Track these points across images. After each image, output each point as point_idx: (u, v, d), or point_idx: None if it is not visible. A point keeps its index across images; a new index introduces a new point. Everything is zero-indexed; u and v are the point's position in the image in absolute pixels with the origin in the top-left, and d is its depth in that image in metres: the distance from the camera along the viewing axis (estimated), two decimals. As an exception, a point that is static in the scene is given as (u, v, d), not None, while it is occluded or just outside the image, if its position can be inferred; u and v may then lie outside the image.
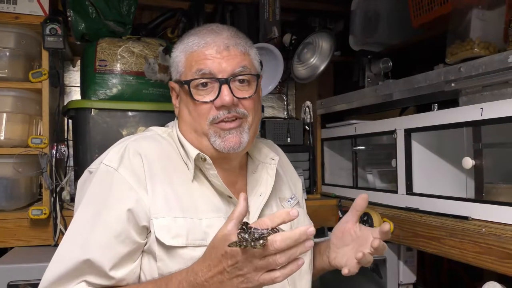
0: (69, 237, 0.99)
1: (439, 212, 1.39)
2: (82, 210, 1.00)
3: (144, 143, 1.06)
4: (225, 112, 1.04)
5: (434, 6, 1.60)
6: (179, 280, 0.88)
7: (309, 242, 0.80)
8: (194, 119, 1.06)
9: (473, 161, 1.29)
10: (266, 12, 1.98)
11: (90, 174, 1.05)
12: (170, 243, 0.96)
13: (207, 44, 1.05)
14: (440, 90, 1.41)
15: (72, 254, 0.94)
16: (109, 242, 0.95)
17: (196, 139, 1.08)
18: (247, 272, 0.81)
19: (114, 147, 1.06)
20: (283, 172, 1.26)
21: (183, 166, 1.08)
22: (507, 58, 1.17)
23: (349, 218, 1.16)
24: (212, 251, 0.85)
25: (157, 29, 1.97)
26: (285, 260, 0.79)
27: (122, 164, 1.00)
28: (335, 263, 1.16)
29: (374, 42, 1.97)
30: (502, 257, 1.16)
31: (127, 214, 0.96)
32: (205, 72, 1.04)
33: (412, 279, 1.84)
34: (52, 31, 1.63)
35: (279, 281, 0.82)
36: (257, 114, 1.11)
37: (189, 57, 1.06)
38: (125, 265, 0.96)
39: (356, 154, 1.92)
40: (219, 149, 1.05)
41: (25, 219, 1.60)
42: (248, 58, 1.08)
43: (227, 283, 0.83)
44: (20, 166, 1.63)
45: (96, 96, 1.70)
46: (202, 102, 1.04)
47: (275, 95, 2.41)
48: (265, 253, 0.79)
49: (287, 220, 0.81)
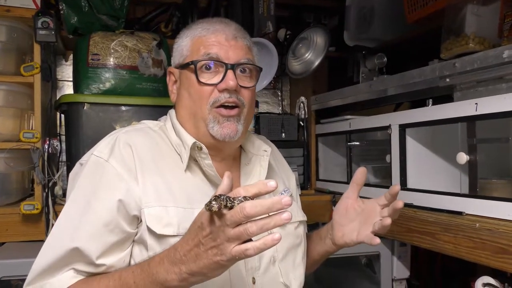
0: (58, 226, 0.99)
1: (433, 207, 1.39)
2: (72, 200, 1.01)
3: (135, 135, 1.07)
4: (226, 96, 1.04)
5: (429, 2, 1.60)
6: (160, 257, 0.88)
7: (286, 214, 0.74)
8: (195, 102, 1.07)
9: (468, 157, 1.29)
10: (260, 7, 1.97)
11: (81, 166, 1.05)
12: (161, 232, 0.96)
13: (216, 30, 1.07)
14: (434, 86, 1.41)
15: (61, 243, 0.95)
16: (98, 231, 0.95)
17: (194, 126, 1.08)
18: (220, 243, 0.78)
19: (105, 139, 1.07)
20: (276, 166, 1.27)
21: (175, 156, 1.08)
22: (502, 53, 1.17)
23: (350, 193, 1.16)
24: (192, 226, 0.84)
25: (151, 23, 1.96)
26: (256, 230, 0.75)
27: (112, 155, 1.01)
28: (344, 241, 1.15)
29: (368, 38, 1.97)
30: (495, 252, 1.16)
31: (117, 204, 0.96)
32: (213, 56, 1.05)
33: (405, 274, 1.85)
34: (44, 25, 1.61)
35: (250, 254, 0.77)
36: (251, 107, 1.13)
37: (197, 41, 1.08)
38: (113, 254, 0.97)
39: (350, 150, 1.92)
40: (215, 135, 1.05)
41: (17, 214, 1.59)
42: (252, 54, 1.12)
43: (202, 255, 0.81)
44: (11, 160, 1.61)
45: (89, 91, 1.68)
46: (206, 84, 1.05)
47: (270, 90, 2.41)
48: (235, 220, 0.75)
49: (263, 191, 0.76)
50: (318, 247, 1.24)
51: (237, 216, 0.75)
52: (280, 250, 1.11)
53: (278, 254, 1.10)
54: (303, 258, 1.19)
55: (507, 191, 1.32)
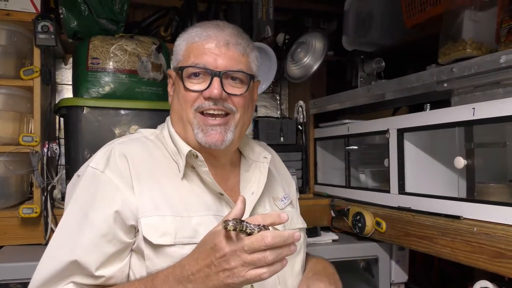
0: (56, 238, 0.99)
1: (431, 211, 1.39)
2: (69, 212, 1.01)
3: (130, 145, 1.07)
4: (210, 104, 1.05)
5: (427, 7, 1.61)
6: (165, 275, 0.88)
7: (294, 246, 0.82)
8: (181, 106, 1.08)
9: (465, 161, 1.29)
10: (259, 11, 1.98)
11: (78, 178, 1.05)
12: (158, 242, 0.96)
13: (209, 37, 1.06)
14: (432, 90, 1.42)
15: (59, 256, 0.95)
16: (96, 242, 0.95)
17: (183, 129, 1.09)
18: (234, 267, 0.81)
19: (100, 150, 1.07)
20: (277, 172, 1.27)
21: (171, 165, 1.08)
22: (499, 58, 1.18)
23: None
24: (202, 245, 0.85)
25: (150, 28, 1.97)
26: (274, 258, 0.80)
27: (108, 166, 1.01)
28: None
29: (367, 42, 1.98)
30: (493, 256, 1.17)
31: (114, 215, 0.97)
32: (200, 64, 1.05)
33: (404, 278, 1.84)
34: (44, 29, 1.61)
35: (266, 277, 0.81)
36: (246, 113, 1.12)
37: (189, 48, 1.08)
38: (112, 264, 0.97)
39: (348, 154, 1.92)
40: (201, 142, 1.06)
41: (16, 217, 1.58)
42: (246, 60, 1.09)
43: (213, 277, 0.82)
44: (11, 164, 1.61)
45: (88, 94, 1.68)
46: (191, 90, 1.06)
47: (268, 94, 2.41)
48: (255, 247, 0.79)
49: (277, 222, 0.82)
50: None
51: (257, 244, 0.78)
52: None
53: None
54: (302, 266, 1.18)
55: (505, 195, 1.33)
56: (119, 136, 1.31)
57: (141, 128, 1.61)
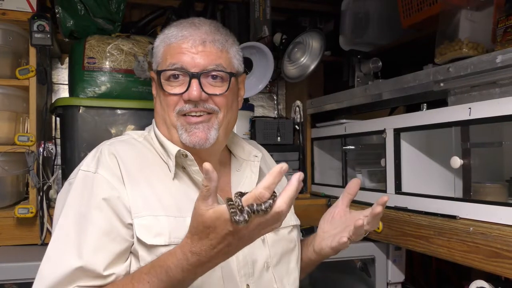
0: (56, 243, 0.96)
1: (428, 211, 1.40)
2: (66, 215, 0.97)
3: (119, 146, 1.06)
4: (191, 106, 1.04)
5: (424, 7, 1.61)
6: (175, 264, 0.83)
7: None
8: (163, 110, 1.07)
9: (461, 161, 1.30)
10: (256, 11, 1.97)
11: (70, 184, 1.03)
12: (152, 242, 0.95)
13: (184, 37, 1.05)
14: (429, 90, 1.42)
15: (62, 262, 0.92)
16: (100, 242, 0.93)
17: (167, 132, 1.08)
18: (254, 234, 0.81)
19: (90, 154, 1.06)
20: (268, 170, 1.26)
21: (162, 165, 1.07)
22: (495, 58, 1.18)
23: (339, 202, 1.17)
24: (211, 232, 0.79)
25: (147, 27, 1.96)
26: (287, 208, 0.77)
27: (100, 166, 1.00)
28: (321, 246, 1.15)
29: (364, 42, 1.98)
30: (489, 256, 1.17)
31: (113, 212, 0.96)
32: (177, 66, 1.04)
33: (400, 278, 1.85)
34: (40, 28, 1.61)
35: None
36: (230, 111, 1.10)
37: (166, 49, 1.07)
38: (119, 264, 0.95)
39: (345, 154, 1.92)
40: (185, 143, 1.05)
41: (11, 217, 1.58)
42: (226, 56, 1.07)
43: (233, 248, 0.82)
44: (6, 164, 1.60)
45: (84, 94, 1.68)
46: (170, 94, 1.05)
47: (265, 94, 2.41)
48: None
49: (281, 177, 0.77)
50: (303, 255, 1.23)
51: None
52: (273, 256, 1.11)
53: (272, 259, 1.10)
54: (298, 263, 1.18)
55: (501, 195, 1.33)
56: (116, 136, 1.30)
57: (137, 128, 1.61)
